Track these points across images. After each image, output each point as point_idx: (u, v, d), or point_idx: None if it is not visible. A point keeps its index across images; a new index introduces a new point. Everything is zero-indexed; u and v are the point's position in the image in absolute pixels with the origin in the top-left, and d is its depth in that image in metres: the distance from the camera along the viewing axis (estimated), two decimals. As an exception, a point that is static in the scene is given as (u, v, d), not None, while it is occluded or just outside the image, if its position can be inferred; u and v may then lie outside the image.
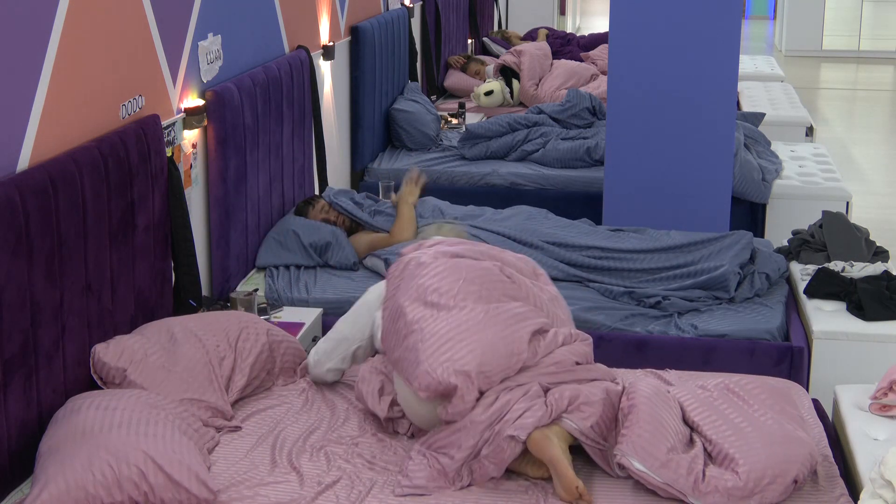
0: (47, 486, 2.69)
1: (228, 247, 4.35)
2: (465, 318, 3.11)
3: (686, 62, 5.25)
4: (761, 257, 4.51)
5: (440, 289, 3.19)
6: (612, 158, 5.41)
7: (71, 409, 2.98)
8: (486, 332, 3.08)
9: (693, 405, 3.08)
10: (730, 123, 5.28)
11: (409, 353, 3.08)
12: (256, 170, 4.59)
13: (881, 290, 4.11)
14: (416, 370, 3.02)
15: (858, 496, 2.83)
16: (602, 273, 4.51)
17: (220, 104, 4.23)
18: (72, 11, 3.25)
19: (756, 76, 9.40)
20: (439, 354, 3.02)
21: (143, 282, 3.61)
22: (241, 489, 2.96)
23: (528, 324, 3.16)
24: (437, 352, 3.03)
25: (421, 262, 3.30)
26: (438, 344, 3.04)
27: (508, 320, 3.14)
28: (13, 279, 2.86)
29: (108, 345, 3.30)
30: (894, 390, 3.31)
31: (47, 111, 3.15)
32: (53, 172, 3.04)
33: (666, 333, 4.10)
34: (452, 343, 3.05)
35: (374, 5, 6.95)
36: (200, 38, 4.21)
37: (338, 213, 4.93)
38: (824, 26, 14.46)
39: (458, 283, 3.21)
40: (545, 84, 8.27)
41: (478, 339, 3.06)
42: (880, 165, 9.17)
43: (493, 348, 3.06)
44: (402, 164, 6.45)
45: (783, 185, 5.88)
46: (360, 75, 6.34)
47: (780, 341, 4.04)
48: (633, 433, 2.93)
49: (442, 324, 3.10)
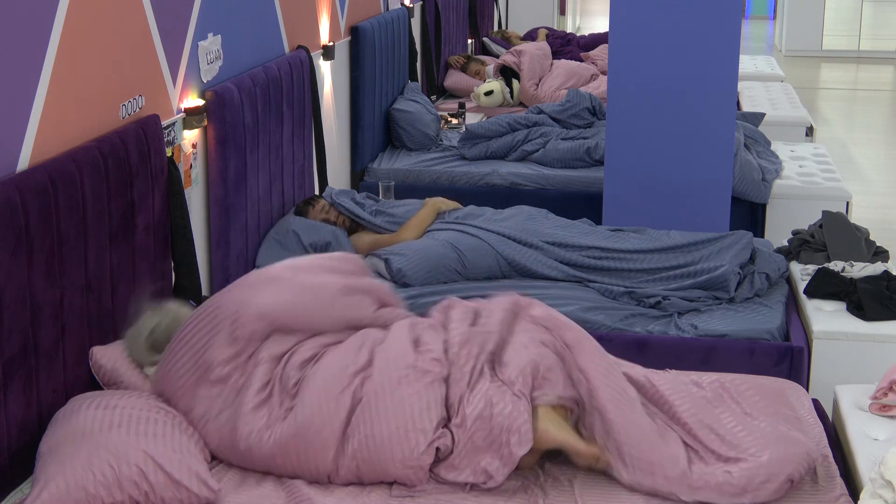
0: (47, 485, 2.69)
1: (228, 247, 4.35)
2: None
3: (686, 62, 5.25)
4: (761, 257, 4.51)
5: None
6: (612, 158, 5.41)
7: (71, 409, 2.98)
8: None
9: (683, 404, 3.07)
10: (730, 123, 5.28)
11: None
12: (256, 170, 4.59)
13: (881, 290, 4.11)
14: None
15: (858, 496, 2.83)
16: (602, 273, 4.51)
17: (220, 104, 4.23)
18: (72, 11, 3.25)
19: (756, 76, 9.40)
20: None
21: (143, 282, 3.61)
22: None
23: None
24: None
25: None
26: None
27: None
28: (13, 279, 2.86)
29: (106, 348, 3.30)
30: (894, 390, 3.31)
31: (47, 111, 3.15)
32: (53, 172, 3.04)
33: (666, 333, 4.11)
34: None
35: (374, 5, 6.95)
36: (200, 38, 4.21)
37: (338, 212, 4.93)
38: (824, 26, 14.46)
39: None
40: (545, 84, 8.27)
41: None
42: (880, 165, 9.17)
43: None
44: (402, 164, 6.45)
45: (783, 185, 5.88)
46: (360, 75, 6.34)
47: (780, 341, 4.04)
48: (613, 447, 2.95)
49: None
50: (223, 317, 3.13)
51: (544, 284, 4.47)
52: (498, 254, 4.57)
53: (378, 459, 2.92)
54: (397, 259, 4.50)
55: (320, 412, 2.96)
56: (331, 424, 2.95)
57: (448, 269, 4.51)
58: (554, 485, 2.98)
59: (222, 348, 3.08)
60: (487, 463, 2.92)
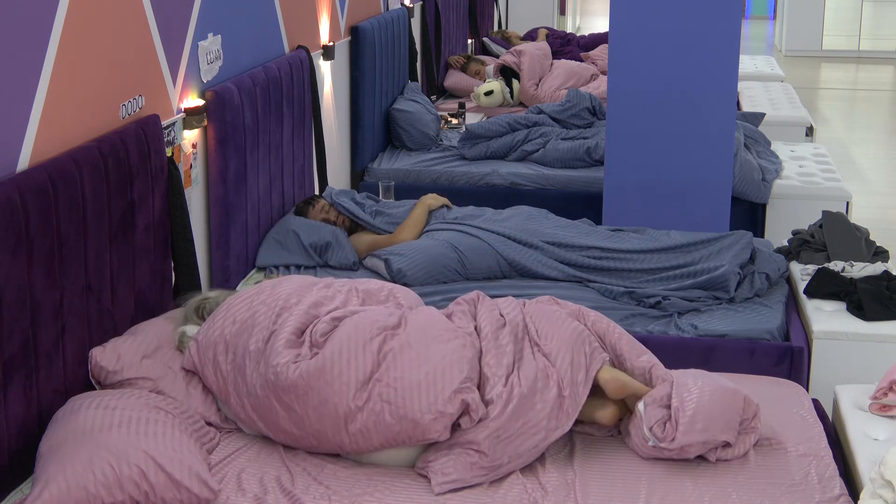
0: (48, 485, 2.69)
1: (228, 247, 4.35)
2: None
3: (686, 62, 5.25)
4: (761, 257, 4.51)
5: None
6: (612, 158, 5.41)
7: (71, 409, 2.98)
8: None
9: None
10: (730, 123, 5.28)
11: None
12: (256, 170, 4.59)
13: (881, 290, 4.11)
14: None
15: (858, 496, 2.83)
16: (602, 273, 4.51)
17: (220, 104, 4.23)
18: (72, 11, 3.25)
19: (756, 76, 9.40)
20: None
21: (143, 282, 3.61)
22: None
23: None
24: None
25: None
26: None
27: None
28: (13, 279, 2.86)
29: (104, 348, 3.31)
30: (894, 390, 3.31)
31: (47, 111, 3.15)
32: (53, 172, 3.04)
33: (666, 333, 4.11)
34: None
35: (374, 5, 6.95)
36: (200, 38, 4.21)
37: (338, 212, 4.93)
38: (824, 26, 14.46)
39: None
40: (545, 84, 8.26)
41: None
42: (880, 165, 9.17)
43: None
44: (402, 164, 6.45)
45: (783, 185, 5.88)
46: (360, 75, 6.34)
47: (780, 341, 4.04)
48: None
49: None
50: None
51: (544, 284, 4.47)
52: (498, 254, 4.57)
53: (402, 404, 2.98)
54: (397, 259, 4.50)
55: (343, 354, 3.07)
56: (354, 368, 3.05)
57: (448, 270, 4.51)
58: (554, 484, 2.98)
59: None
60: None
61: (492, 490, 2.96)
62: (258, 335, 3.20)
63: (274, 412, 3.09)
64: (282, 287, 3.39)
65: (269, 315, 3.25)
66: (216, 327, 3.29)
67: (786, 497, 2.90)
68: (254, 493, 2.92)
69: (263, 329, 3.21)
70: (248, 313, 3.28)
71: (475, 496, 2.93)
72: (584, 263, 4.54)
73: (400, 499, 2.93)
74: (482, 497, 2.93)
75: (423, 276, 4.46)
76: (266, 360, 3.12)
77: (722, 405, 3.07)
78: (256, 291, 3.39)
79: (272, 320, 3.23)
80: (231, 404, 3.21)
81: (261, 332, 3.21)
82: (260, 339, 3.18)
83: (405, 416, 2.98)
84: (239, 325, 3.26)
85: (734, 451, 3.09)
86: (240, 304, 3.33)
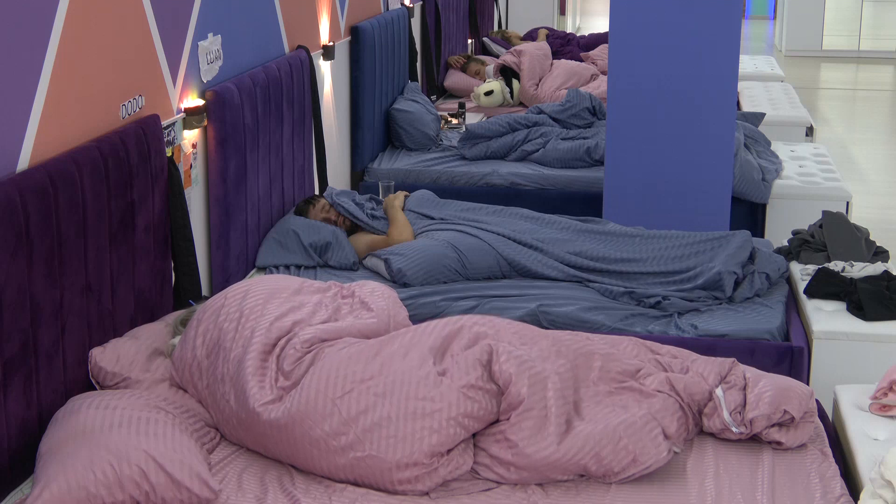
0: (48, 485, 2.69)
1: (228, 247, 4.36)
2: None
3: (686, 62, 5.25)
4: (761, 257, 4.51)
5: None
6: (612, 158, 5.41)
7: (71, 409, 2.98)
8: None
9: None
10: (730, 123, 5.28)
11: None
12: (256, 170, 4.59)
13: (881, 290, 4.11)
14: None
15: (858, 496, 2.83)
16: (602, 273, 4.51)
17: (220, 104, 4.23)
18: (72, 11, 3.25)
19: (756, 76, 9.40)
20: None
21: (143, 282, 3.62)
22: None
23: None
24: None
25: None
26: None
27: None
28: (13, 279, 2.86)
29: (104, 348, 3.31)
30: (894, 390, 3.31)
31: (47, 111, 3.15)
32: (53, 172, 3.05)
33: (666, 333, 4.10)
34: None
35: (374, 5, 6.95)
36: (200, 38, 4.21)
37: (338, 212, 4.93)
38: (824, 26, 14.46)
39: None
40: (545, 84, 8.26)
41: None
42: (880, 165, 9.17)
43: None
44: (402, 164, 6.45)
45: (783, 185, 5.88)
46: (360, 75, 6.34)
47: (780, 341, 4.04)
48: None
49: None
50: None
51: (544, 284, 4.47)
52: (498, 254, 4.57)
53: (376, 470, 2.93)
54: (397, 259, 4.50)
55: (318, 407, 2.98)
56: (328, 423, 2.96)
57: (448, 269, 4.51)
58: (554, 484, 2.98)
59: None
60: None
61: (491, 493, 2.95)
62: (224, 361, 3.17)
63: (259, 437, 3.09)
64: (247, 300, 3.33)
65: (234, 337, 3.21)
66: (188, 347, 3.28)
67: (786, 497, 2.90)
68: (254, 494, 2.92)
69: (229, 351, 3.18)
70: (215, 332, 3.26)
71: (475, 498, 2.93)
72: (584, 264, 4.54)
73: (401, 499, 2.93)
74: (482, 498, 2.93)
75: (424, 276, 4.46)
76: (238, 396, 3.09)
77: (788, 383, 3.21)
78: (222, 304, 3.33)
79: (238, 342, 3.19)
80: (218, 422, 3.22)
81: (227, 355, 3.18)
82: (229, 367, 3.15)
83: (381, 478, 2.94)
84: (208, 347, 3.24)
85: (793, 434, 3.14)
86: (207, 321, 3.31)
